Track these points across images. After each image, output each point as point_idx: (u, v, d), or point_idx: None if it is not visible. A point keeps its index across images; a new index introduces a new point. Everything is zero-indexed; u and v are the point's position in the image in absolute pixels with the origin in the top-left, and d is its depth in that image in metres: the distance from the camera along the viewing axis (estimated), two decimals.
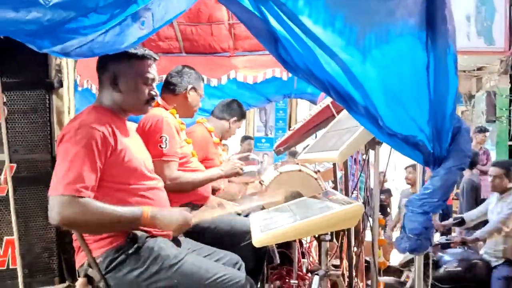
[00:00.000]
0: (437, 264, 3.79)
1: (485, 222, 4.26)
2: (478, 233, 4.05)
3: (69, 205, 1.59)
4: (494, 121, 7.24)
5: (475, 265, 3.85)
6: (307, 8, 1.26)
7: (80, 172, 1.62)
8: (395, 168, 9.20)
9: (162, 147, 2.21)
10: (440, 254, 3.86)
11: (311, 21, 1.27)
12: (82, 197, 1.61)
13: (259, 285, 2.53)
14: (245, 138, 7.24)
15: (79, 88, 3.66)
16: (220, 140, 3.26)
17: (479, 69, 7.76)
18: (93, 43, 1.46)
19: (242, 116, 3.28)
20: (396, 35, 1.39)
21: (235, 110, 3.26)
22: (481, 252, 4.10)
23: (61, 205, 1.59)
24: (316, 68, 1.34)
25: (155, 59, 1.90)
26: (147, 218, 1.71)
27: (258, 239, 1.62)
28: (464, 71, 8.01)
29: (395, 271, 4.05)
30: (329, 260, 2.44)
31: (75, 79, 3.51)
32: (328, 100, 2.48)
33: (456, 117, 1.62)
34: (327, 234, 1.85)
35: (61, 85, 1.93)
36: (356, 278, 2.46)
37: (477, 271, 3.85)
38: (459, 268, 3.72)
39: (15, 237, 1.85)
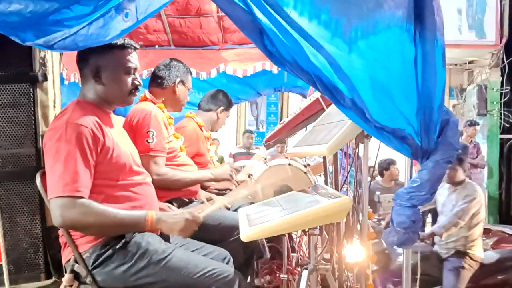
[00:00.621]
0: (389, 258, 3.84)
1: (431, 211, 4.28)
2: (435, 228, 4.06)
3: (70, 206, 1.60)
4: (485, 115, 7.27)
5: (427, 257, 3.89)
6: (293, 0, 1.25)
7: (76, 171, 1.62)
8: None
9: (149, 142, 2.19)
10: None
11: (297, 13, 1.26)
12: (81, 197, 1.61)
13: (249, 280, 2.53)
14: (246, 132, 7.21)
15: (66, 82, 3.62)
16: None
17: (470, 62, 7.78)
18: (77, 36, 1.43)
19: (228, 105, 3.23)
20: (383, 27, 1.38)
21: (220, 100, 3.22)
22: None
23: (62, 206, 1.59)
24: (302, 60, 1.33)
25: (135, 48, 1.87)
26: (152, 222, 1.70)
27: (246, 234, 1.60)
28: (456, 65, 8.03)
29: None
30: (320, 254, 2.44)
31: (61, 72, 3.48)
32: (317, 94, 2.46)
33: (444, 109, 1.61)
34: (316, 228, 1.84)
35: (45, 78, 1.90)
36: (346, 272, 2.45)
37: (429, 264, 3.91)
38: (411, 261, 3.75)
39: (0, 232, 1.83)
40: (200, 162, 2.86)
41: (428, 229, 5.13)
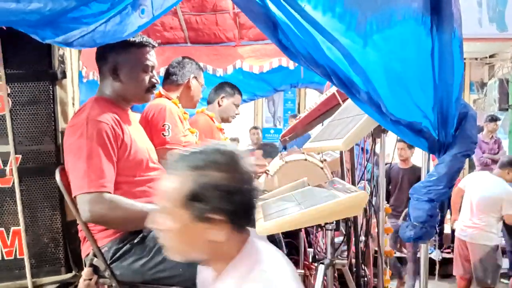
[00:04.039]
0: None
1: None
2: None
3: (97, 202, 1.62)
4: (507, 109, 7.12)
5: None
6: None
7: (100, 167, 1.64)
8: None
9: (165, 135, 2.21)
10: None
11: (311, 6, 1.26)
12: (108, 192, 1.64)
13: None
14: (251, 128, 7.23)
15: (84, 80, 3.67)
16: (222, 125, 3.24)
17: (491, 56, 7.63)
18: (95, 33, 1.46)
19: (229, 92, 3.20)
20: (399, 19, 1.36)
21: (221, 88, 3.21)
22: None
23: (90, 202, 1.62)
24: (317, 53, 1.33)
25: (153, 46, 1.89)
26: None
27: (262, 228, 1.61)
28: (476, 59, 7.89)
29: None
30: (337, 249, 2.43)
31: (80, 70, 3.53)
32: (334, 89, 2.45)
33: (462, 103, 1.59)
34: (332, 223, 1.83)
35: (64, 76, 1.92)
36: (364, 267, 2.44)
37: None
38: None
39: (21, 227, 1.87)
40: None
41: (448, 225, 5.11)
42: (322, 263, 1.86)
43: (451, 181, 1.55)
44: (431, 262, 4.89)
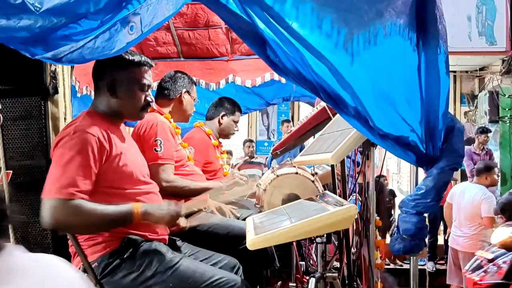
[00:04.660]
0: None
1: None
2: None
3: (62, 208, 1.60)
4: (498, 121, 7.20)
5: None
6: (294, 11, 1.27)
7: (74, 176, 1.63)
8: (399, 171, 9.18)
9: (157, 151, 2.22)
10: None
11: (298, 24, 1.28)
12: (74, 199, 1.62)
13: None
14: (246, 141, 7.25)
15: (78, 95, 3.68)
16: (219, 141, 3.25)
17: (481, 69, 7.73)
18: (83, 49, 1.46)
19: (230, 110, 3.20)
20: (385, 36, 1.39)
21: (222, 106, 3.22)
22: None
23: (54, 208, 1.59)
24: (305, 70, 1.35)
25: (151, 66, 1.91)
26: (139, 214, 1.71)
27: (251, 242, 1.61)
28: (467, 72, 7.99)
29: None
30: (330, 262, 2.43)
31: (74, 85, 3.54)
32: (324, 103, 2.48)
33: (449, 116, 1.62)
34: (322, 236, 1.84)
35: (56, 91, 1.93)
36: (357, 279, 2.45)
37: None
38: None
39: (11, 243, 1.86)
40: (210, 169, 2.88)
41: (442, 237, 5.14)
42: (313, 276, 1.86)
43: (439, 194, 1.57)
44: (424, 273, 4.92)
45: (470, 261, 4.14)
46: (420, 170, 1.65)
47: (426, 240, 5.27)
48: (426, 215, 1.61)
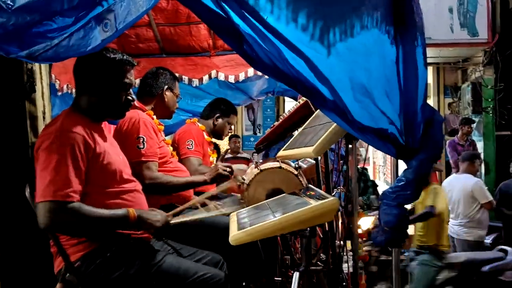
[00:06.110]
0: None
1: None
2: None
3: (60, 211, 1.60)
4: (481, 112, 7.28)
5: None
6: (269, 5, 1.26)
7: (67, 177, 1.62)
8: (385, 163, 9.25)
9: (140, 148, 2.20)
10: None
11: (273, 18, 1.27)
12: (71, 201, 1.62)
13: (244, 283, 2.53)
14: (231, 136, 7.24)
15: (59, 93, 3.63)
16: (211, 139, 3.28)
17: (464, 60, 7.79)
18: (58, 47, 1.44)
19: (224, 112, 3.24)
20: (362, 29, 1.39)
21: (216, 107, 3.25)
22: None
23: (52, 211, 1.59)
24: (282, 64, 1.34)
25: (133, 65, 1.90)
26: (134, 219, 1.71)
27: (235, 238, 1.62)
28: (449, 64, 8.04)
29: None
30: (316, 256, 2.44)
31: (54, 83, 3.49)
32: None
33: (428, 108, 1.62)
34: (306, 230, 1.85)
35: (33, 90, 1.90)
36: (343, 272, 2.46)
37: None
38: None
39: None
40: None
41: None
42: (297, 270, 1.87)
43: (419, 186, 1.58)
44: None
45: (463, 245, 4.56)
46: (400, 162, 1.66)
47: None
48: (407, 206, 1.63)
